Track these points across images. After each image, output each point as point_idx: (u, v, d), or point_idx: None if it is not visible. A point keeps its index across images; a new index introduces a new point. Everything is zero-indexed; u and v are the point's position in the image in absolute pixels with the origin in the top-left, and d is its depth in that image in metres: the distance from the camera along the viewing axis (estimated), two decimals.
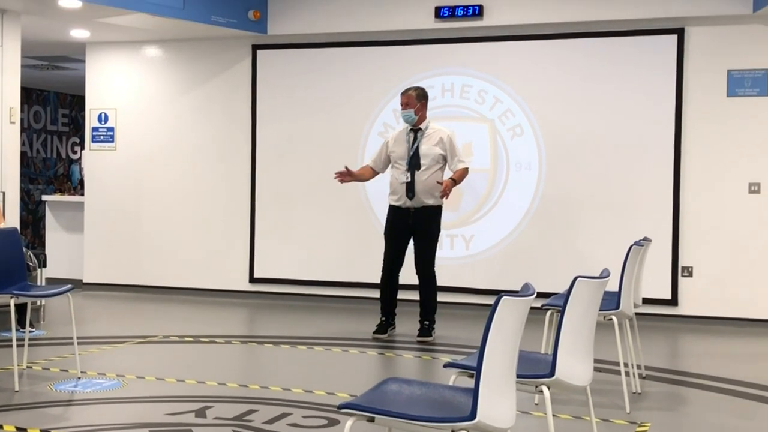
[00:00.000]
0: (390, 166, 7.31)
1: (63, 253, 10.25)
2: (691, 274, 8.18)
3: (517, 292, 3.08)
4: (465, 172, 7.17)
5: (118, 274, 9.95)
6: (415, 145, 7.13)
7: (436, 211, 7.20)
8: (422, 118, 7.21)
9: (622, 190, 8.36)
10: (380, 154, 7.37)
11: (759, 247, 8.01)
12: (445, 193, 6.97)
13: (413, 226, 7.17)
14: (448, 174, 7.21)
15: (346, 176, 7.38)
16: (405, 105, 7.17)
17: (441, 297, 7.42)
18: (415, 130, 7.20)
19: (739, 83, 8.06)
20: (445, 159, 7.15)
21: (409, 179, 7.07)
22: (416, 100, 7.17)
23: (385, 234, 7.34)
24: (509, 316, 2.98)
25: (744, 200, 8.05)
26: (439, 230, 7.27)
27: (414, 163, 7.09)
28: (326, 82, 9.24)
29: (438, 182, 7.03)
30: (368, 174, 7.46)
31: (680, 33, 8.17)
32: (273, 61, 9.41)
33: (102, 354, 6.50)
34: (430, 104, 8.78)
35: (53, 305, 7.93)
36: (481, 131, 8.81)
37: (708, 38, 8.15)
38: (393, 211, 7.26)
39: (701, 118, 8.16)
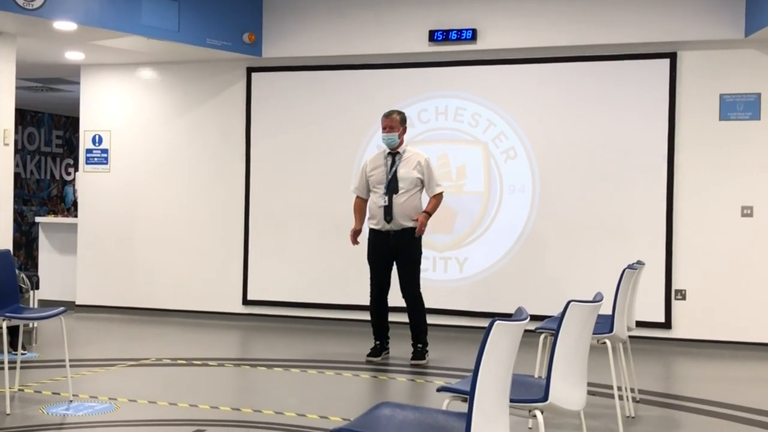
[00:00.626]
0: (370, 190, 7.32)
1: (56, 274, 10.21)
2: (684, 297, 8.19)
3: (510, 316, 3.08)
4: (439, 198, 7.24)
5: (111, 296, 9.92)
6: (393, 168, 7.15)
7: (414, 232, 7.19)
8: (401, 142, 7.25)
9: (616, 213, 8.38)
10: (362, 180, 7.35)
11: (752, 270, 8.03)
12: (421, 231, 7.07)
13: (394, 249, 7.18)
14: (425, 198, 7.25)
15: (358, 234, 7.38)
16: (389, 129, 7.18)
17: (435, 319, 7.41)
18: (393, 154, 7.22)
19: (732, 107, 8.11)
20: (422, 183, 7.17)
21: (387, 203, 7.09)
22: (399, 123, 7.21)
23: (368, 258, 7.36)
24: (502, 341, 2.98)
25: (737, 223, 8.07)
26: (420, 252, 7.27)
27: (392, 186, 7.12)
28: (320, 104, 9.27)
29: (413, 219, 7.07)
30: (364, 207, 7.44)
31: (673, 57, 8.22)
32: (267, 83, 9.44)
33: (94, 377, 6.47)
34: (424, 127, 8.86)
35: (45, 327, 7.90)
36: (474, 154, 8.83)
37: (700, 62, 8.20)
38: (373, 234, 7.28)
39: (694, 142, 8.20)
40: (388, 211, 7.11)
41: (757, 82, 8.04)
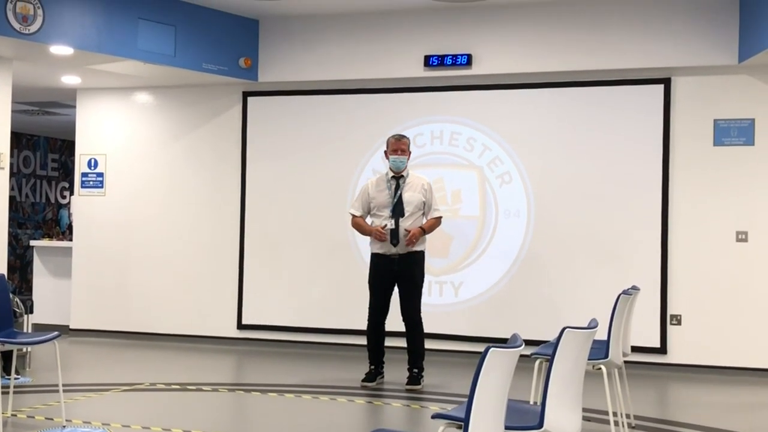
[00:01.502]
0: (372, 215, 7.32)
1: (50, 298, 10.19)
2: (680, 323, 8.19)
3: (506, 341, 3.08)
4: (438, 221, 7.29)
5: (105, 320, 9.89)
6: (399, 192, 7.16)
7: (421, 257, 7.24)
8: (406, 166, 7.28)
9: (611, 238, 8.39)
10: (364, 202, 7.32)
11: (747, 295, 8.03)
12: (411, 242, 7.06)
13: (398, 273, 7.18)
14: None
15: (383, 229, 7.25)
16: (401, 152, 7.19)
17: (431, 344, 7.40)
18: (397, 178, 7.23)
19: (726, 132, 8.14)
20: (425, 206, 7.19)
21: (394, 226, 7.10)
22: (408, 148, 7.24)
23: (370, 283, 7.33)
24: (497, 368, 2.98)
25: (732, 248, 8.08)
26: (422, 275, 7.28)
27: (398, 210, 7.12)
28: (316, 128, 9.29)
29: (406, 230, 7.07)
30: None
31: (667, 83, 8.26)
32: (263, 107, 9.47)
33: (88, 402, 6.44)
34: (420, 151, 8.89)
35: (39, 352, 7.87)
36: (470, 178, 8.85)
37: (694, 88, 8.24)
38: (377, 258, 7.26)
39: (688, 167, 8.22)
40: (394, 235, 7.10)
41: (751, 107, 8.08)
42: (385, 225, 7.11)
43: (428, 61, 8.70)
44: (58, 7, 7.48)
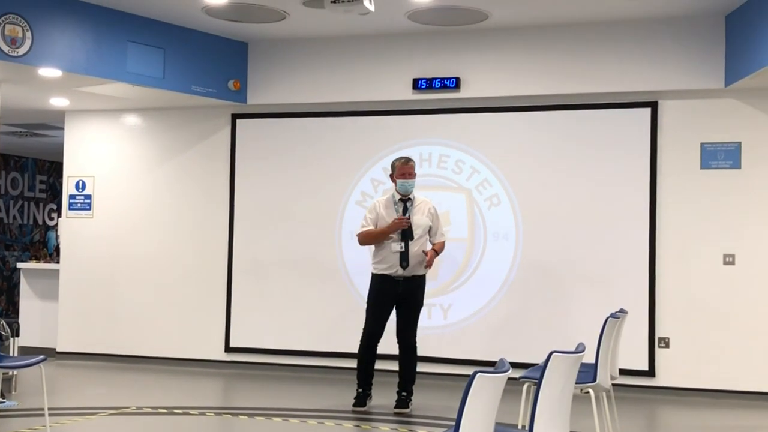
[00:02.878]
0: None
1: (37, 321, 10.13)
2: (668, 345, 8.19)
3: (494, 364, 3.07)
4: (443, 245, 7.34)
5: (92, 343, 9.84)
6: (407, 215, 7.17)
7: (423, 281, 7.28)
8: None
9: (598, 261, 8.40)
10: (376, 220, 7.25)
11: (735, 318, 8.04)
12: (429, 264, 7.11)
13: (402, 295, 7.17)
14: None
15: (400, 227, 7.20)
16: (409, 175, 7.19)
17: (419, 367, 7.37)
18: (405, 200, 7.24)
19: (712, 156, 8.18)
20: (431, 230, 7.22)
21: (404, 249, 7.09)
22: (414, 170, 7.25)
23: (370, 302, 7.28)
24: (484, 393, 2.97)
25: (719, 272, 8.10)
26: (423, 298, 7.31)
27: (408, 233, 7.13)
28: (305, 151, 9.30)
29: (423, 251, 7.10)
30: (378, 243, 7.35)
31: (654, 106, 8.31)
32: (252, 130, 9.47)
33: (74, 426, 6.39)
34: None
35: (26, 375, 7.81)
36: (458, 201, 8.86)
37: (681, 112, 8.29)
38: (381, 280, 7.20)
39: (675, 190, 8.26)
40: (404, 257, 7.09)
41: (738, 131, 8.12)
42: (396, 250, 7.09)
43: (417, 84, 8.74)
44: (46, 30, 7.49)
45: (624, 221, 8.35)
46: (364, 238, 7.31)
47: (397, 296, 7.19)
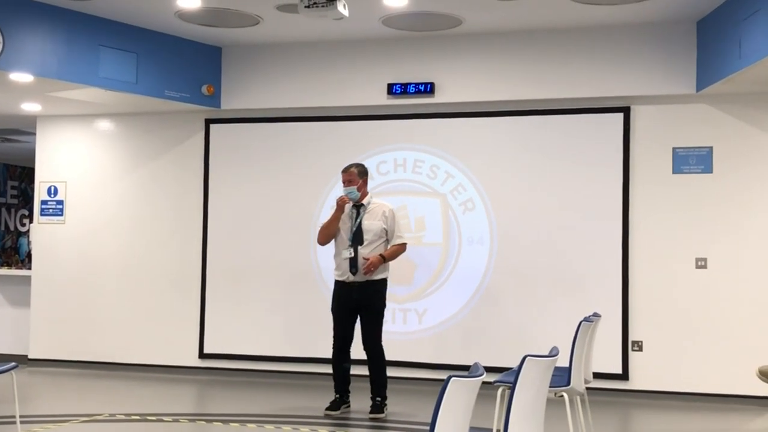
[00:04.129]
0: (334, 240, 7.31)
1: (8, 328, 10.04)
2: (641, 349, 8.24)
3: (468, 369, 3.08)
4: (401, 248, 7.25)
5: (65, 350, 9.75)
6: (358, 220, 7.18)
7: (380, 285, 7.21)
8: (364, 194, 7.27)
9: (572, 266, 8.44)
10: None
11: (707, 322, 8.11)
12: (369, 270, 7.04)
13: (358, 301, 7.17)
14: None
15: (343, 207, 7.21)
16: (348, 182, 7.21)
17: (395, 372, 7.38)
18: (358, 206, 7.25)
19: (684, 161, 8.25)
20: (387, 233, 7.19)
21: (353, 255, 7.10)
22: (358, 177, 7.23)
23: (332, 310, 7.32)
24: (458, 397, 2.97)
25: (691, 275, 8.16)
26: (384, 304, 7.26)
27: (357, 238, 7.13)
28: (279, 156, 9.28)
29: (364, 258, 7.07)
30: (334, 234, 7.33)
31: (626, 111, 8.37)
32: (226, 135, 9.44)
33: None
34: (383, 179, 8.90)
35: None
36: (433, 206, 8.88)
37: (653, 117, 8.35)
38: (338, 286, 7.26)
39: (648, 194, 8.31)
40: (353, 263, 7.10)
41: (709, 136, 8.20)
42: (345, 257, 7.11)
43: (391, 90, 8.75)
44: (18, 35, 7.43)
45: (597, 225, 8.39)
46: (319, 234, 7.36)
47: (353, 302, 7.18)
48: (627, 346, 8.25)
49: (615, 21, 8.08)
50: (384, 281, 7.25)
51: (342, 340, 7.26)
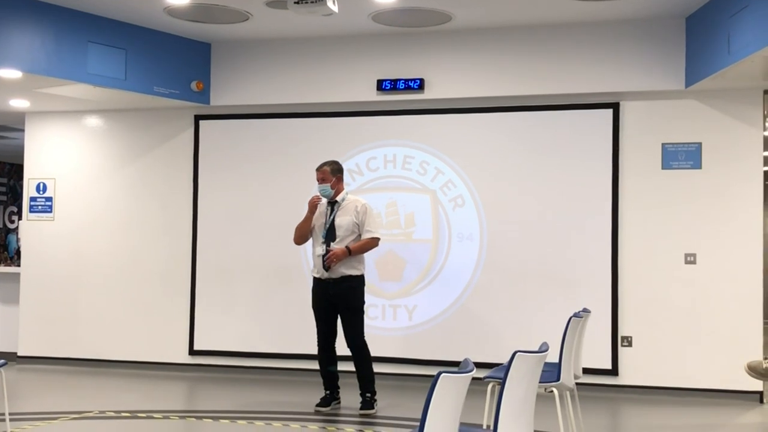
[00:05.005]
0: (311, 238, 7.34)
1: None
2: (630, 344, 8.26)
3: (458, 365, 3.08)
4: (370, 242, 7.19)
5: (54, 347, 9.73)
6: (332, 217, 7.19)
7: (355, 281, 7.18)
8: (338, 191, 7.29)
9: (562, 261, 8.45)
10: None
11: (697, 317, 8.14)
12: (331, 261, 7.03)
13: (335, 297, 7.18)
14: None
15: (315, 207, 7.30)
16: (321, 180, 7.25)
17: (385, 368, 7.38)
18: (332, 203, 7.27)
19: (673, 156, 8.27)
20: (359, 227, 7.19)
21: (325, 251, 7.11)
22: (331, 174, 7.25)
23: (312, 307, 7.35)
24: (448, 393, 2.98)
25: (681, 271, 8.19)
26: (361, 300, 7.23)
27: (330, 235, 7.15)
28: (269, 152, 9.26)
29: (354, 266, 7.09)
30: (307, 234, 7.40)
31: (616, 107, 8.38)
32: (215, 131, 9.42)
33: (35, 431, 6.31)
34: (373, 175, 8.89)
35: None
36: (423, 202, 8.88)
37: (642, 113, 8.37)
38: (315, 283, 7.30)
39: (637, 190, 8.33)
40: (324, 260, 7.12)
41: (698, 131, 8.22)
42: (318, 254, 7.17)
43: (381, 86, 8.74)
44: (6, 30, 7.39)
45: (587, 221, 8.41)
46: (294, 234, 7.43)
47: (330, 297, 7.19)
48: (616, 341, 8.27)
49: (604, 17, 8.09)
50: (359, 278, 7.21)
51: (323, 337, 7.29)
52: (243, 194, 9.31)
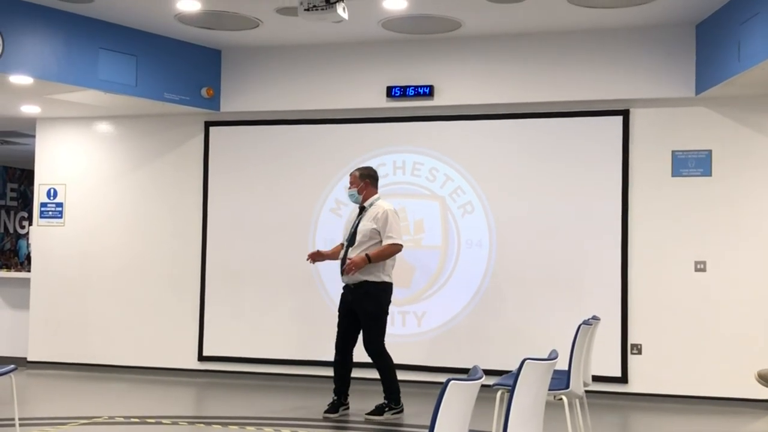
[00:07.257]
0: None
1: (7, 330, 10.04)
2: (640, 352, 8.24)
3: (466, 372, 3.08)
4: (389, 248, 7.10)
5: (64, 353, 9.75)
6: (357, 222, 7.20)
7: (373, 288, 7.13)
8: (367, 196, 7.31)
9: (571, 268, 8.44)
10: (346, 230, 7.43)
11: (706, 325, 8.11)
12: (350, 269, 7.03)
13: (352, 303, 7.19)
14: None
15: (317, 256, 7.51)
16: (350, 184, 7.39)
17: None
18: (361, 208, 7.30)
19: (683, 163, 8.25)
20: (379, 234, 7.16)
21: (344, 257, 7.16)
22: (359, 179, 7.29)
23: (338, 310, 7.40)
24: (457, 400, 2.97)
25: (690, 278, 8.17)
26: (377, 306, 7.17)
27: (351, 240, 7.19)
28: (279, 159, 9.28)
29: (349, 259, 7.08)
30: (340, 251, 7.43)
31: (626, 114, 8.37)
32: (225, 137, 9.44)
33: None
34: (383, 181, 8.86)
35: None
36: (432, 208, 8.88)
37: (652, 120, 8.35)
38: (343, 289, 7.34)
39: (647, 198, 8.32)
40: (343, 264, 7.13)
41: (708, 139, 8.20)
42: (340, 257, 7.28)
43: (390, 92, 8.75)
44: (18, 37, 7.43)
45: (596, 228, 8.39)
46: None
47: (349, 304, 7.22)
48: (626, 349, 8.24)
49: (614, 24, 8.09)
50: (379, 284, 7.14)
51: (340, 340, 7.31)
52: (252, 200, 9.33)
